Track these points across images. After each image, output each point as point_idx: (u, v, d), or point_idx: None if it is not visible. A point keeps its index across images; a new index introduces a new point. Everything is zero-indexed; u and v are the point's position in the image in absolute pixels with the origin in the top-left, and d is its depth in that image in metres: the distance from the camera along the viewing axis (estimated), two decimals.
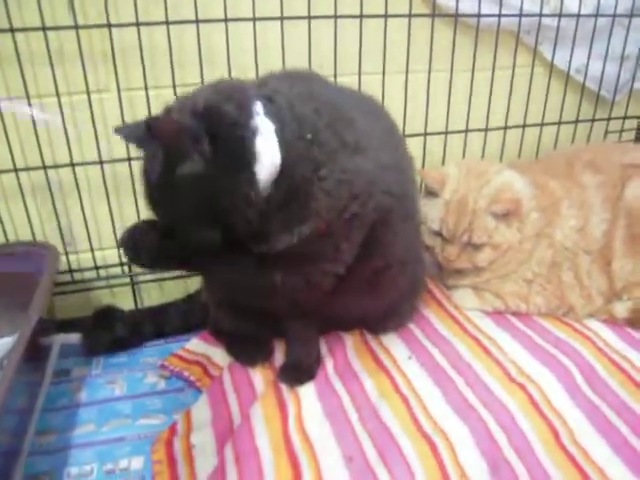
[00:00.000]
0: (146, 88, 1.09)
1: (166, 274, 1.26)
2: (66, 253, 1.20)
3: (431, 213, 1.10)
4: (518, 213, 1.07)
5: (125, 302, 1.26)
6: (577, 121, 1.36)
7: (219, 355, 1.09)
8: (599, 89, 1.34)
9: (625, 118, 1.39)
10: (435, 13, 1.16)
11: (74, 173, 1.13)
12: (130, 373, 1.09)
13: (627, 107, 1.38)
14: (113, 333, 1.12)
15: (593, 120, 1.37)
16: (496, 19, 1.19)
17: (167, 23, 1.04)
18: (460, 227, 1.07)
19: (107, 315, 1.13)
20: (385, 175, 0.82)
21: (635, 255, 1.11)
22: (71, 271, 1.22)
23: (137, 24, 1.03)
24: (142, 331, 1.15)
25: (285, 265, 0.77)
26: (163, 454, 0.89)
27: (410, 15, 1.14)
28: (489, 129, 1.30)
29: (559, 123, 1.34)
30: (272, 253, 0.75)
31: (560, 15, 1.21)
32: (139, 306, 1.28)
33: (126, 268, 1.24)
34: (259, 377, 1.01)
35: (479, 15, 1.17)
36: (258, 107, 0.71)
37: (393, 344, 1.07)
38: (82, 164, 1.13)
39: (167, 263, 0.83)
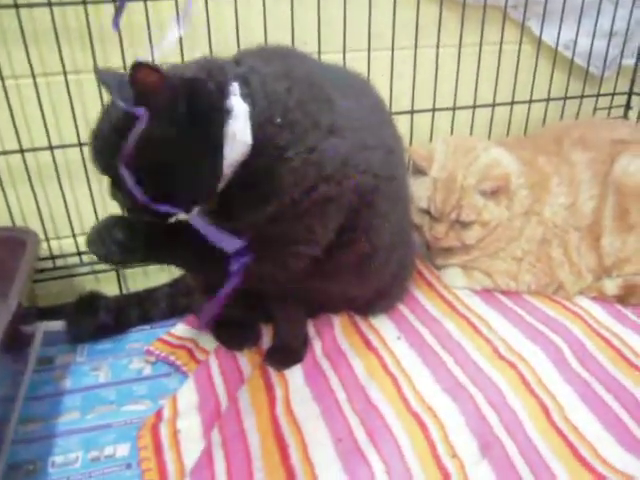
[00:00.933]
0: (125, 68, 1.06)
1: None
2: (47, 239, 1.17)
3: (419, 191, 1.09)
4: (507, 190, 1.06)
5: (110, 288, 1.23)
6: (566, 98, 1.34)
7: (206, 339, 1.07)
8: (588, 65, 1.32)
9: (614, 94, 1.37)
10: None
11: (53, 156, 1.10)
12: (115, 359, 1.07)
13: (616, 83, 1.37)
14: (97, 320, 1.09)
15: (582, 97, 1.35)
16: None
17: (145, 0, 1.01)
18: (448, 205, 1.06)
19: (91, 302, 1.10)
20: (367, 155, 0.81)
21: (624, 231, 1.10)
22: (53, 257, 1.19)
23: (114, 0, 1.00)
24: (127, 317, 1.13)
25: (257, 247, 0.75)
26: (149, 440, 0.88)
27: None
28: (477, 106, 1.28)
29: (547, 100, 1.33)
30: (242, 232, 0.73)
31: None
32: (124, 292, 1.25)
33: None
34: (246, 361, 1.00)
35: None
36: (234, 88, 0.69)
37: (382, 325, 1.06)
38: (61, 147, 1.10)
39: (135, 256, 0.81)
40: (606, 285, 1.12)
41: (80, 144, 1.09)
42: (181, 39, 1.06)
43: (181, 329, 1.11)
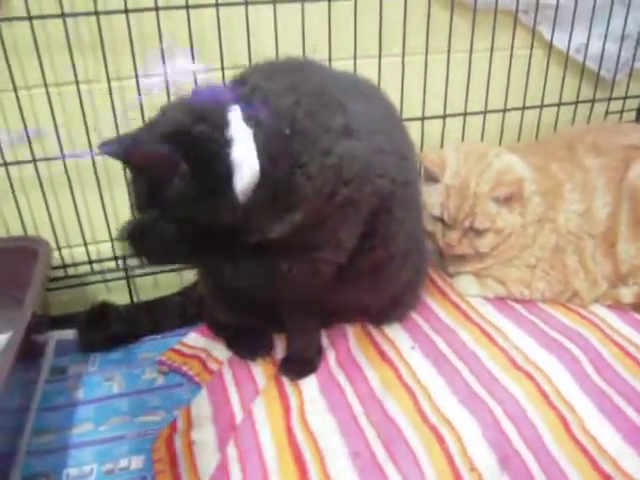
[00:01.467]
0: (137, 77, 1.06)
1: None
2: (58, 248, 1.17)
3: (432, 198, 1.07)
4: (520, 196, 1.05)
5: (120, 296, 1.23)
6: (577, 102, 1.33)
7: (218, 349, 1.07)
8: (599, 69, 1.31)
9: (626, 98, 1.36)
10: None
11: (65, 166, 1.09)
12: (128, 369, 1.07)
13: (628, 87, 1.35)
14: (109, 329, 1.09)
15: (593, 101, 1.34)
16: None
17: (157, 9, 1.01)
18: (462, 212, 1.05)
19: (102, 311, 1.10)
20: (383, 159, 0.80)
21: (639, 238, 1.09)
22: (65, 266, 1.19)
23: (126, 11, 0.99)
24: (138, 326, 1.12)
25: (288, 253, 0.76)
26: (164, 452, 0.87)
27: None
28: (488, 111, 1.27)
29: (559, 104, 1.32)
30: (273, 242, 0.73)
31: None
32: (135, 300, 1.25)
33: (120, 262, 1.21)
34: (260, 371, 0.99)
35: None
36: (235, 113, 0.69)
37: (396, 334, 1.05)
38: (73, 157, 1.10)
39: (169, 257, 0.81)
40: (622, 293, 1.10)
41: (92, 152, 1.09)
42: (193, 49, 1.06)
43: (193, 338, 1.11)
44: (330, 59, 1.12)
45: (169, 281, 1.26)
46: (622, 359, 0.97)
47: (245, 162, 0.67)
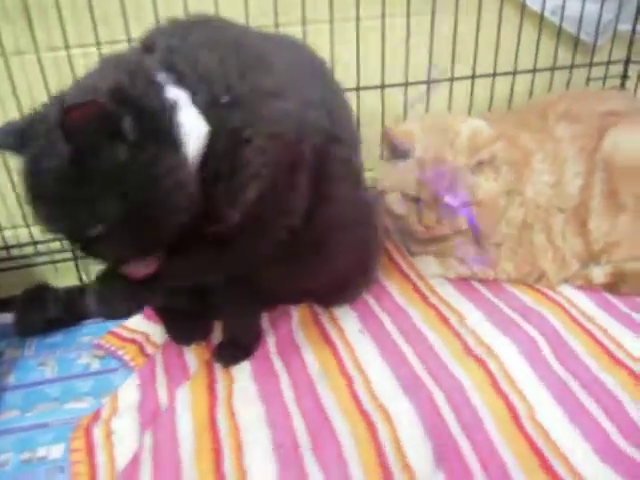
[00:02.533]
0: (67, 47, 1.00)
1: None
2: (0, 229, 1.12)
3: (403, 175, 0.98)
4: (494, 158, 0.96)
5: (69, 278, 1.17)
6: (554, 68, 1.22)
7: (158, 333, 1.01)
8: (578, 32, 1.20)
9: (609, 63, 1.25)
10: None
11: None
12: (64, 353, 1.01)
13: (610, 51, 1.24)
14: (45, 313, 1.04)
15: (572, 67, 1.23)
16: None
17: None
18: (441, 187, 0.95)
19: (38, 294, 1.05)
20: (314, 114, 0.74)
21: (613, 213, 1.00)
22: (7, 247, 1.14)
23: None
24: (79, 309, 1.07)
25: (244, 233, 0.71)
26: (82, 442, 0.82)
27: None
28: (455, 79, 1.17)
29: (534, 71, 1.21)
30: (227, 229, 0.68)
31: None
32: (84, 281, 1.20)
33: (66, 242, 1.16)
34: (194, 357, 0.93)
35: None
36: (163, 78, 0.62)
37: (344, 317, 0.99)
38: None
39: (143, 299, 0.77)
40: (594, 272, 1.01)
41: None
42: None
43: (135, 321, 1.04)
44: (277, 24, 1.04)
45: None
46: (585, 342, 0.89)
47: (191, 126, 0.61)
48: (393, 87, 1.16)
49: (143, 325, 1.04)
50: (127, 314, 0.78)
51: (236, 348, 0.91)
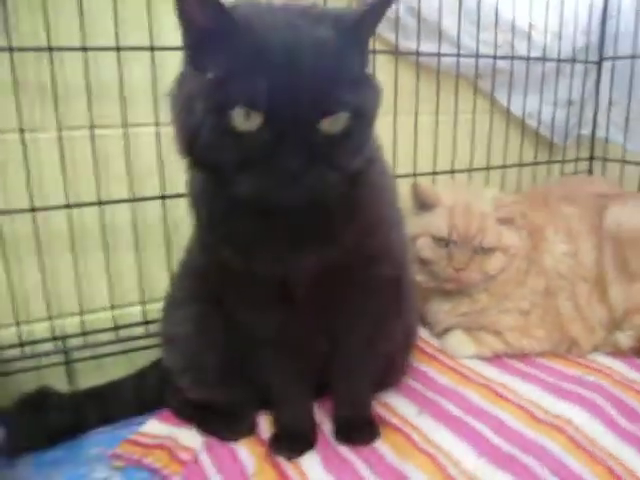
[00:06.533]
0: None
1: (106, 349, 1.05)
2: None
3: (434, 221, 1.04)
4: (517, 218, 1.06)
5: (55, 386, 1.01)
6: (536, 163, 1.37)
7: (187, 436, 0.87)
8: (552, 135, 1.37)
9: (577, 160, 1.42)
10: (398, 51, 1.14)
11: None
12: (72, 469, 0.84)
13: (578, 149, 1.42)
14: (48, 423, 0.87)
15: (549, 162, 1.38)
16: (455, 60, 1.19)
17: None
18: (472, 229, 1.01)
19: (39, 401, 0.89)
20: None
21: (627, 281, 1.06)
22: None
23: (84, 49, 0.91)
24: (83, 417, 0.91)
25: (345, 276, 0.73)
26: None
27: (375, 52, 1.10)
28: (455, 171, 1.26)
29: (520, 165, 1.35)
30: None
31: (512, 57, 1.24)
32: (73, 389, 1.03)
33: (60, 343, 1.02)
34: (245, 452, 0.81)
35: (439, 54, 1.17)
36: None
37: (396, 402, 0.93)
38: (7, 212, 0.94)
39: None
40: (620, 339, 1.05)
41: (33, 209, 0.94)
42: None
43: (154, 426, 0.91)
44: None
45: (116, 365, 1.06)
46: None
47: None
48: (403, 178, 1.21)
49: (165, 429, 0.90)
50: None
51: (296, 438, 0.81)
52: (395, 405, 0.92)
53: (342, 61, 0.56)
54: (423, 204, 1.06)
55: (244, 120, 0.54)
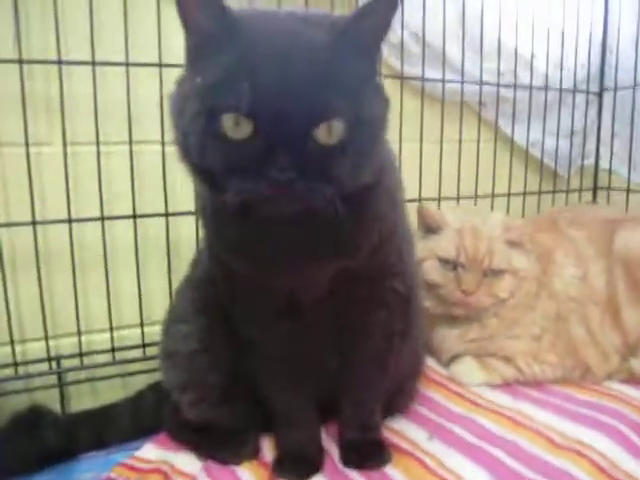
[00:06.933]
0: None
1: (101, 371, 1.01)
2: None
3: (441, 243, 1.02)
4: (525, 242, 1.04)
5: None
6: (540, 192, 1.37)
7: (185, 461, 0.82)
8: (555, 165, 1.37)
9: (581, 190, 1.42)
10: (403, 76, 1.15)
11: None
12: None
13: (582, 179, 1.42)
14: (40, 444, 0.82)
15: (554, 192, 1.38)
16: (459, 87, 1.21)
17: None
18: (480, 251, 0.99)
19: (32, 420, 0.84)
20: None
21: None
22: None
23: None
24: (76, 440, 0.86)
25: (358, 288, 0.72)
26: None
27: (380, 75, 1.11)
28: (460, 197, 1.26)
29: (524, 194, 1.35)
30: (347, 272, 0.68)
31: (515, 86, 1.26)
32: (66, 412, 0.99)
33: (54, 364, 0.97)
34: (248, 475, 0.77)
35: (443, 80, 1.18)
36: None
37: (405, 427, 0.88)
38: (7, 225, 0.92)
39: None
40: (634, 365, 1.01)
41: (34, 222, 0.92)
42: None
43: (150, 451, 0.86)
44: None
45: (110, 389, 1.02)
46: None
47: None
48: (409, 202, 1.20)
49: (160, 454, 0.85)
50: None
51: (301, 461, 0.77)
52: (404, 430, 0.87)
53: (337, 66, 0.53)
54: (429, 227, 1.05)
55: (234, 127, 0.52)
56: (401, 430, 0.87)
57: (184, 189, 1.02)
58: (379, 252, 0.68)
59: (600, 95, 1.41)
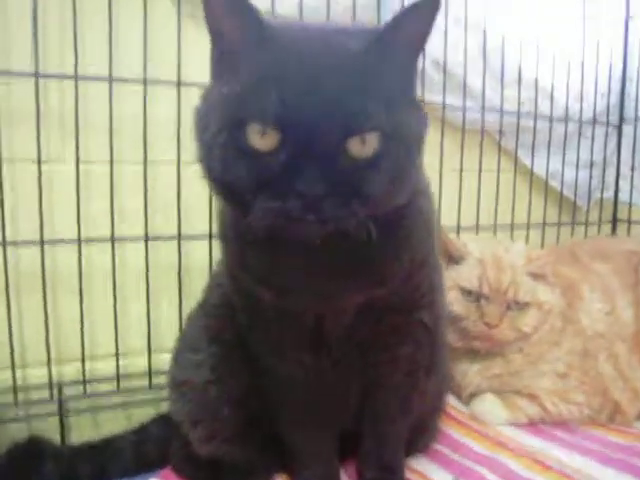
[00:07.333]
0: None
1: (103, 400, 0.96)
2: None
3: (463, 274, 0.98)
4: (549, 274, 1.00)
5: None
6: (559, 224, 1.34)
7: None
8: (575, 196, 1.35)
9: (600, 223, 1.39)
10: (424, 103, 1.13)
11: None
12: None
13: (601, 211, 1.40)
14: (41, 477, 0.77)
15: (573, 224, 1.35)
16: (479, 116, 1.19)
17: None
18: (504, 282, 0.95)
19: (30, 452, 0.79)
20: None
21: None
22: None
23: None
24: (76, 474, 0.80)
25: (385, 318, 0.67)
26: None
27: None
28: (479, 227, 1.22)
29: (543, 225, 1.32)
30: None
31: (535, 116, 1.24)
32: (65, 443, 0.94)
33: (55, 391, 0.92)
34: None
35: (464, 108, 1.17)
36: None
37: (427, 468, 0.84)
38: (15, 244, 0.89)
39: None
40: None
41: (42, 241, 0.88)
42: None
43: None
44: None
45: (112, 420, 0.97)
46: None
47: None
48: None
49: None
50: None
51: None
52: (427, 471, 0.82)
53: (372, 74, 0.50)
54: (451, 256, 1.01)
55: (259, 138, 0.49)
56: (424, 471, 0.82)
57: (198, 212, 0.99)
58: (410, 281, 0.64)
59: (619, 127, 1.40)
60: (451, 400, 1.04)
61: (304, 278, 0.60)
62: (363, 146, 0.49)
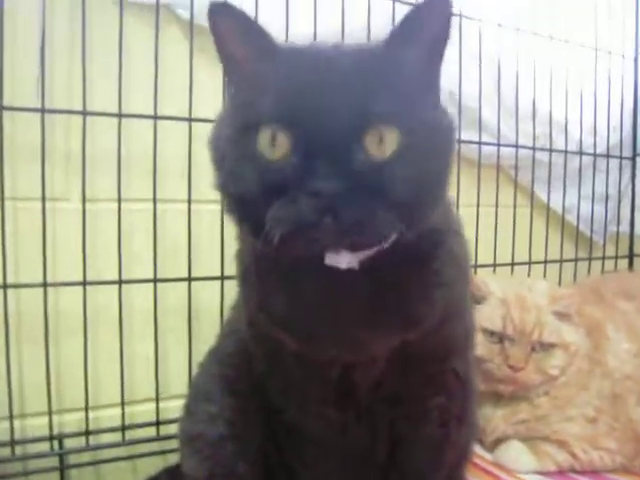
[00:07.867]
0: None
1: (107, 453, 0.91)
2: None
3: (485, 314, 0.94)
4: (574, 314, 0.97)
5: None
6: (576, 259, 1.32)
7: None
8: (591, 231, 1.33)
9: (617, 258, 1.36)
10: None
11: None
12: None
13: (617, 246, 1.37)
14: None
15: (590, 259, 1.33)
16: (495, 150, 1.17)
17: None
18: (528, 322, 0.91)
19: None
20: None
21: None
22: None
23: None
24: None
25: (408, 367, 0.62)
26: None
27: None
28: (497, 265, 1.19)
29: (561, 261, 1.29)
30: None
31: (550, 150, 1.22)
32: None
33: (56, 443, 0.87)
34: None
35: (480, 142, 1.14)
36: None
37: None
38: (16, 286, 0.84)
39: None
40: None
41: (46, 285, 0.84)
42: None
43: None
44: None
45: (116, 473, 0.91)
46: None
47: None
48: None
49: None
50: None
51: None
52: None
53: (385, 72, 0.48)
54: (472, 296, 0.97)
55: (270, 144, 0.46)
56: None
57: (206, 253, 0.96)
58: (444, 326, 0.60)
59: (633, 159, 1.39)
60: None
61: (330, 317, 0.55)
62: (381, 144, 0.46)
